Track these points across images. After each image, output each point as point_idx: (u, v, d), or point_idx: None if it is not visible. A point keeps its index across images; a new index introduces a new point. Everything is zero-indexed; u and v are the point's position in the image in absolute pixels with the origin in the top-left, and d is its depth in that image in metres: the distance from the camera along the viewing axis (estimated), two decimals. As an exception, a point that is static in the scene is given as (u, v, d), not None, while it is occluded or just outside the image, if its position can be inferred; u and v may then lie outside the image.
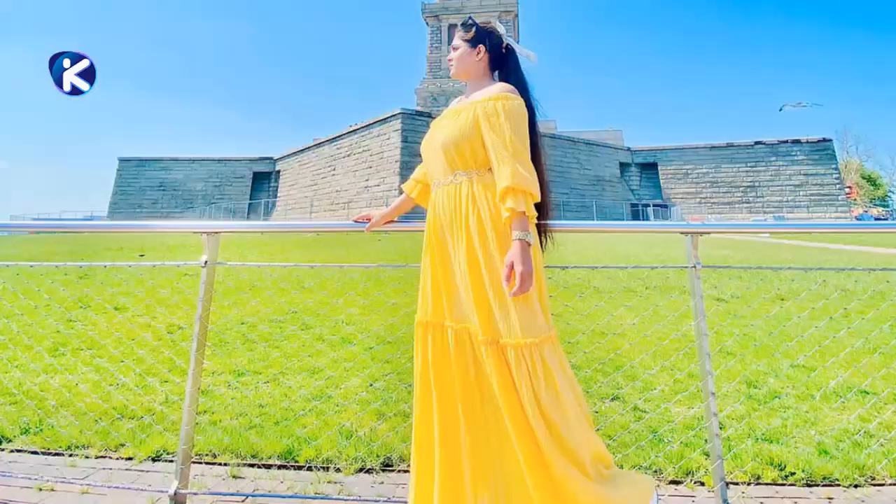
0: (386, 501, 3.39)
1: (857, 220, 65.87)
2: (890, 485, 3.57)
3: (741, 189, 71.97)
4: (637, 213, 71.16)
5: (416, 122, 56.94)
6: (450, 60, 3.26)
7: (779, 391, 5.09)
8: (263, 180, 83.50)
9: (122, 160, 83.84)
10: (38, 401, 4.75)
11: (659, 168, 76.72)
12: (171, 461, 3.83)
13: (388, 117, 59.07)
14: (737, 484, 3.58)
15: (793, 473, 3.65)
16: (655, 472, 3.70)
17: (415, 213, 3.37)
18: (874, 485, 3.57)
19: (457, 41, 3.25)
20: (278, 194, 79.17)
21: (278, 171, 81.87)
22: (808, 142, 71.54)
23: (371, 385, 5.28)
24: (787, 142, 72.16)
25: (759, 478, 3.64)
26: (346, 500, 3.44)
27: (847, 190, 75.17)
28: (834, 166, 70.34)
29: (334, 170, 67.00)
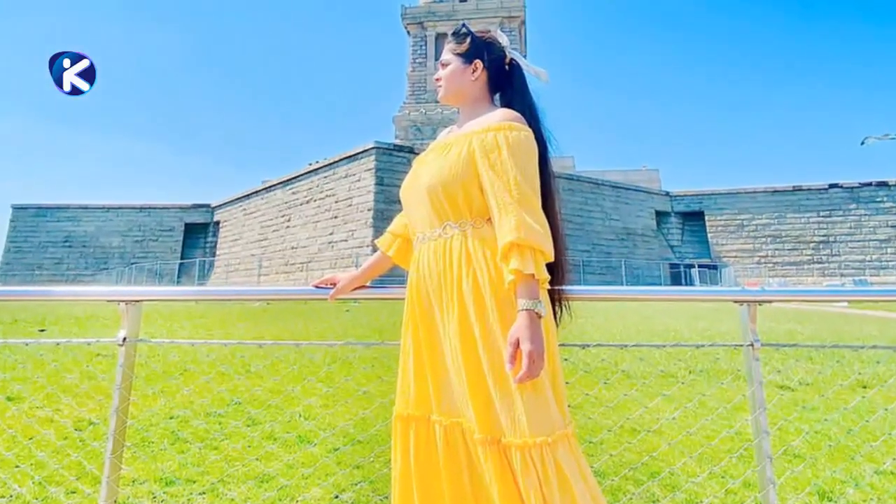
0: None
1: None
2: None
3: (811, 245, 72.16)
4: (678, 276, 71.20)
5: (394, 160, 57.13)
6: (437, 80, 3.27)
7: (861, 505, 5.07)
8: (198, 234, 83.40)
9: (16, 208, 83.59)
10: None
11: (706, 218, 76.99)
12: None
13: (358, 153, 59.17)
14: None
15: None
16: None
17: (393, 276, 3.39)
18: None
19: (446, 55, 3.25)
20: (217, 252, 79.03)
21: (217, 223, 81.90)
22: (897, 184, 71.89)
23: (336, 497, 5.25)
24: (870, 184, 72.46)
25: None
26: None
27: (948, 246, 75.55)
28: (932, 216, 70.57)
29: (289, 220, 66.99)
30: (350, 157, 60.25)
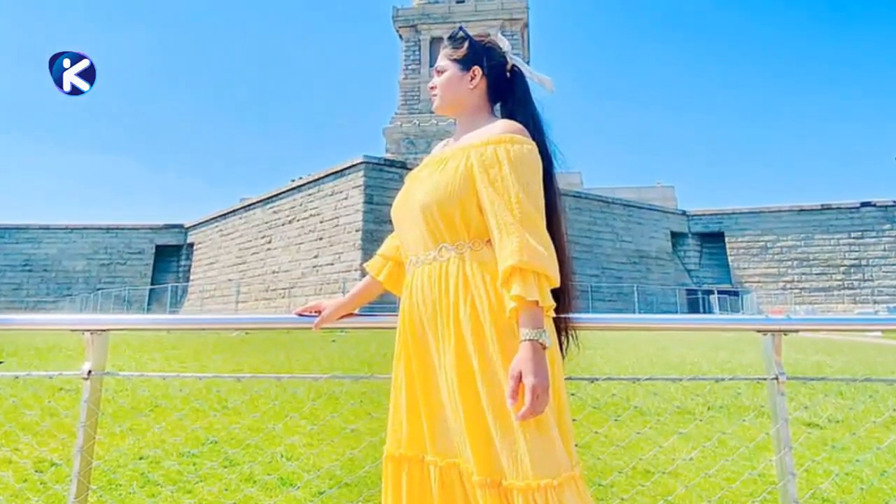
0: None
1: None
2: None
3: (842, 269, 71.90)
4: (695, 303, 70.92)
5: (384, 175, 56.81)
6: (432, 88, 3.26)
7: (897, 554, 5.06)
8: (170, 257, 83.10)
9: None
10: None
11: (726, 239, 76.79)
12: None
13: (345, 168, 58.70)
14: None
15: None
16: None
17: (383, 303, 3.37)
18: None
19: (442, 61, 3.25)
20: (191, 276, 78.74)
21: (191, 245, 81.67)
22: (936, 202, 71.63)
23: (321, 547, 5.22)
24: (905, 202, 72.18)
25: None
26: None
27: None
28: (974, 236, 70.39)
29: (270, 242, 66.70)
30: (336, 172, 59.71)
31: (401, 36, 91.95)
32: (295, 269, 60.85)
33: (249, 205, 72.12)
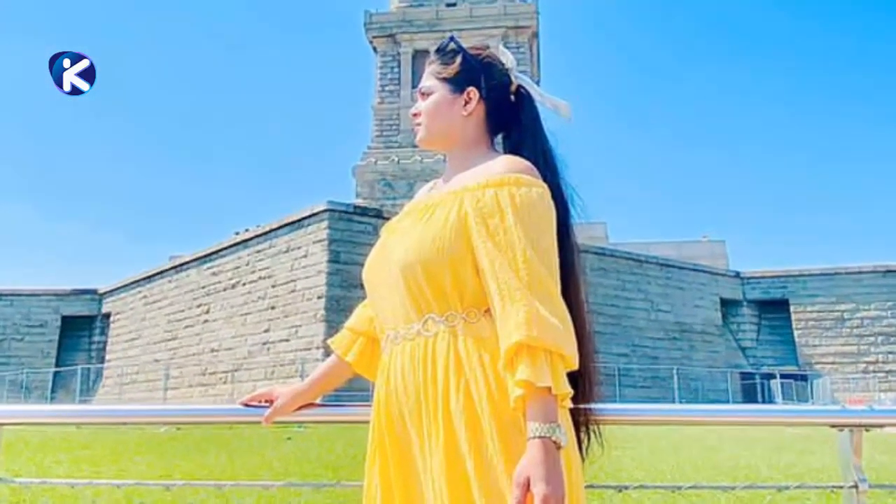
0: None
1: None
2: None
3: (940, 346, 71.28)
4: (752, 390, 70.51)
5: (354, 227, 56.43)
6: (415, 116, 3.21)
7: None
8: (81, 331, 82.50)
9: None
10: None
11: (791, 309, 76.24)
12: None
13: (303, 218, 58.13)
14: None
15: None
16: None
17: (353, 390, 3.37)
18: None
19: (428, 81, 3.20)
20: (107, 356, 78.18)
21: (107, 315, 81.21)
22: None
23: None
24: None
25: None
26: None
27: None
28: None
29: (208, 312, 66.22)
30: (293, 223, 58.81)
31: (375, 49, 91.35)
32: (240, 347, 60.33)
33: (182, 264, 71.65)
